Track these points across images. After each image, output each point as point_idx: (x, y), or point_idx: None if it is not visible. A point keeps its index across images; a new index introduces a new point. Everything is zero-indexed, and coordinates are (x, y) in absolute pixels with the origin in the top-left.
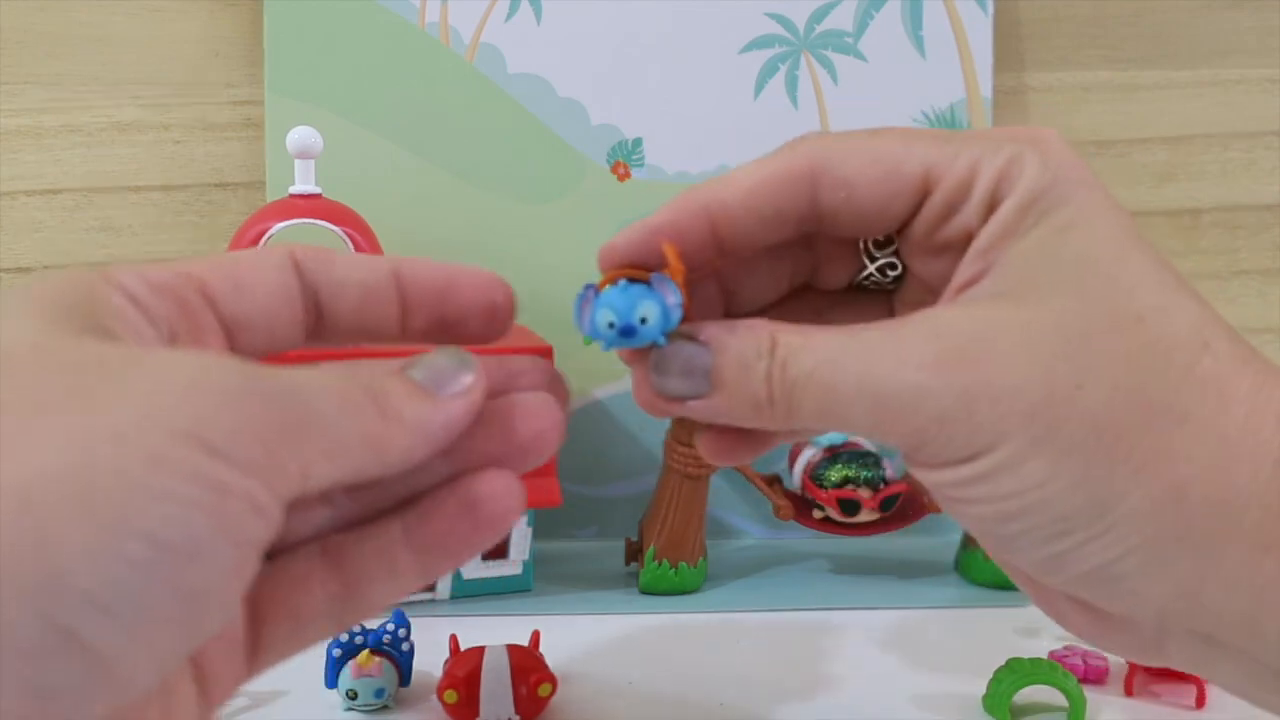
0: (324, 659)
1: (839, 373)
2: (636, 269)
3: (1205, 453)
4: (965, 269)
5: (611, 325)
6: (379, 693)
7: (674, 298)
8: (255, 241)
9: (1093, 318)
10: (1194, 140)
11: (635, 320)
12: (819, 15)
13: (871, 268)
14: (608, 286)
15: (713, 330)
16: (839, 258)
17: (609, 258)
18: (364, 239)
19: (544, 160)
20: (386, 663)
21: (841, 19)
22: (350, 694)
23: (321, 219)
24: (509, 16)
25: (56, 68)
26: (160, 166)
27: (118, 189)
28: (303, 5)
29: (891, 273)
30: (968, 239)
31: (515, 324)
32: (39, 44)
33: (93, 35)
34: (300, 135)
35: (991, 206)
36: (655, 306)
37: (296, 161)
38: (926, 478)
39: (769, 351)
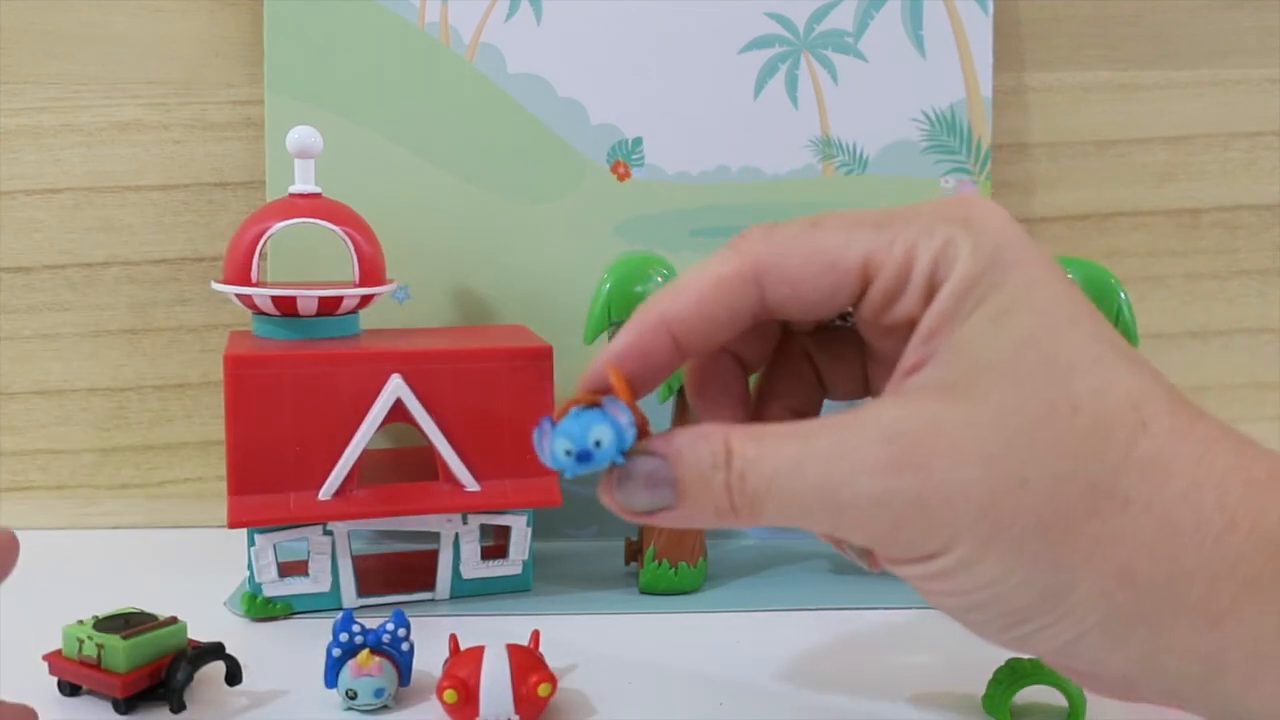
0: (324, 659)
1: (797, 482)
2: (590, 395)
3: (1148, 534)
4: (910, 354)
5: (569, 453)
6: (379, 692)
7: (625, 417)
8: (255, 241)
9: (1031, 410)
10: (1194, 140)
11: (590, 445)
12: (819, 15)
13: (836, 321)
14: (562, 416)
15: (668, 443)
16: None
17: (584, 386)
18: (364, 239)
19: (544, 160)
20: (386, 663)
21: (841, 19)
22: (350, 694)
23: (321, 219)
24: (509, 16)
25: (56, 68)
26: (160, 166)
27: (118, 189)
28: (303, 5)
29: (852, 319)
30: (912, 323)
31: (515, 324)
32: (39, 44)
33: (93, 35)
34: (300, 135)
35: (930, 293)
36: (608, 429)
37: (296, 161)
38: (894, 570)
39: (725, 463)
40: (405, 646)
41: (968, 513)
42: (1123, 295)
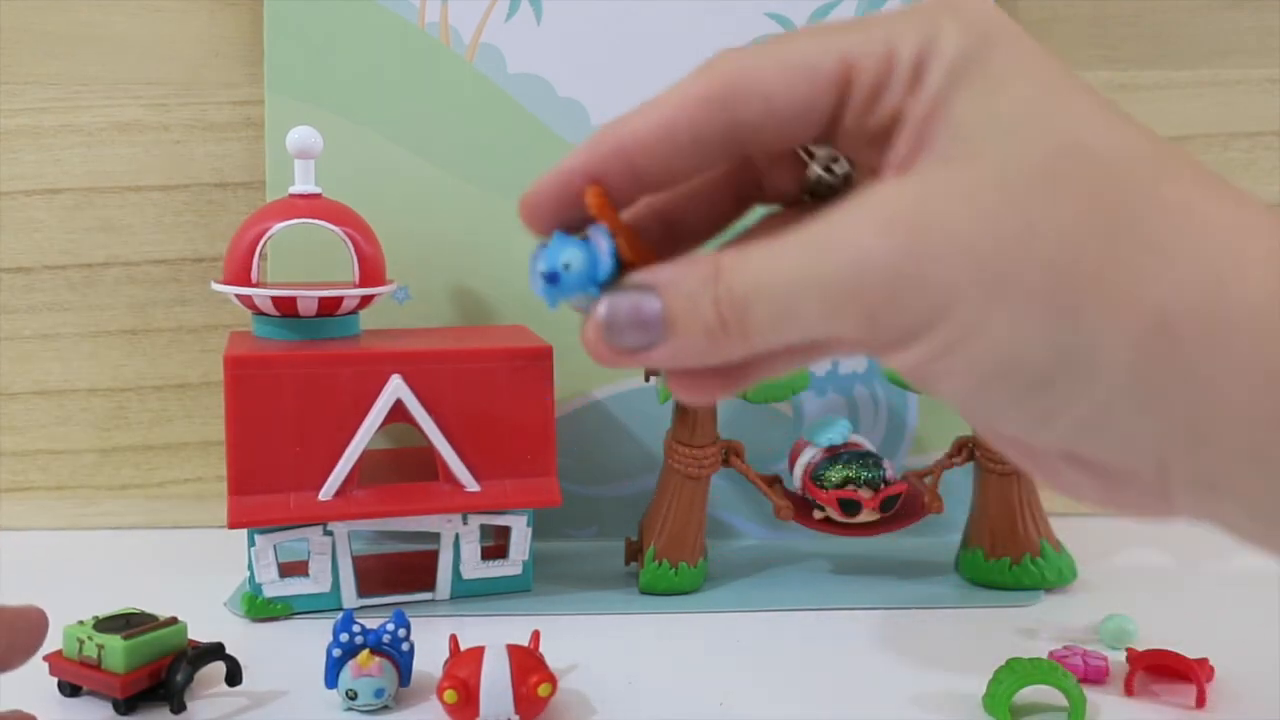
0: (324, 659)
1: (783, 268)
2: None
3: (1184, 281)
4: (901, 146)
5: (541, 274)
6: (379, 693)
7: (605, 244)
8: (255, 241)
9: (1037, 159)
10: (1194, 140)
11: (559, 266)
12: (819, 15)
13: (815, 166)
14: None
15: (657, 274)
16: (780, 167)
17: (526, 211)
18: (364, 239)
19: (544, 160)
20: (386, 663)
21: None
22: (350, 694)
23: (321, 219)
24: (509, 16)
25: (56, 68)
26: (160, 166)
27: (118, 189)
28: (303, 5)
29: (838, 169)
30: (899, 121)
31: (515, 324)
32: (39, 44)
33: (93, 35)
34: (300, 135)
35: (917, 79)
36: (579, 253)
37: (296, 161)
38: (896, 361)
39: (713, 278)
40: (405, 647)
41: (968, 266)
42: None
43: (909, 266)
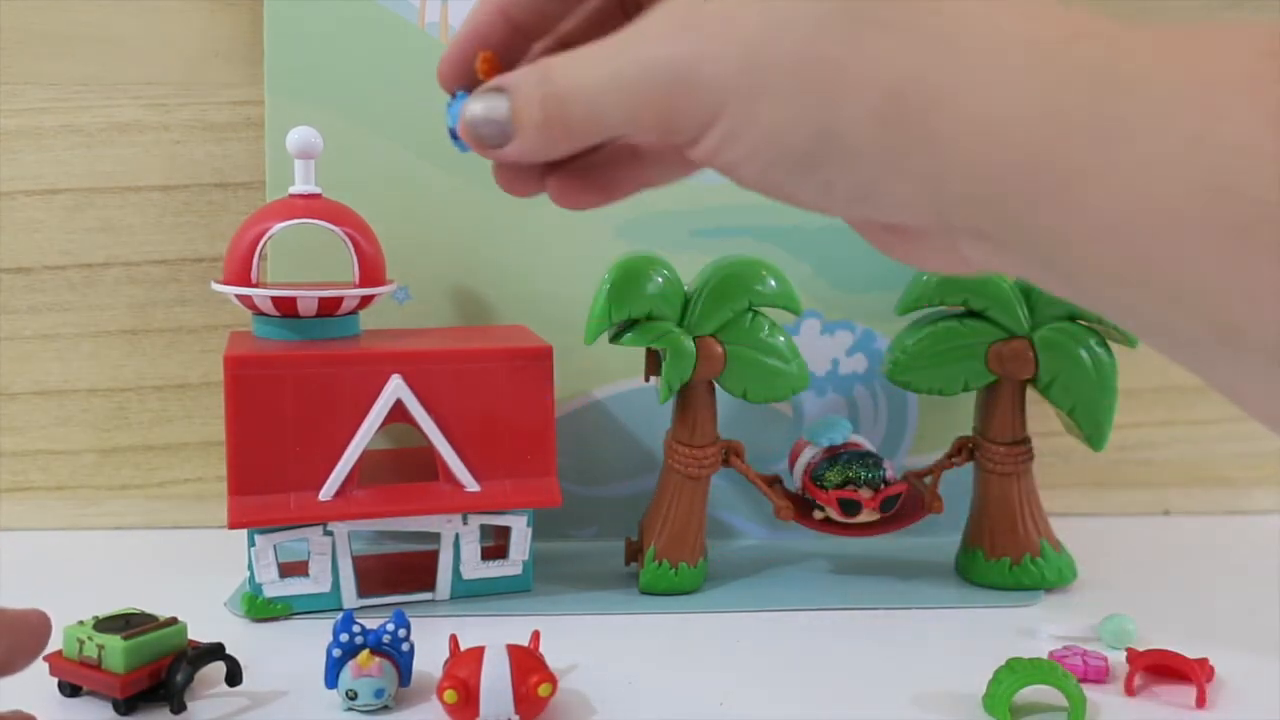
0: (324, 659)
1: (593, 71)
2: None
3: (919, 53)
4: None
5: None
6: (379, 693)
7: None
8: (255, 242)
9: None
10: None
11: (452, 125)
12: None
13: None
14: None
15: (505, 78)
16: None
17: (440, 80)
18: (364, 239)
19: None
20: (386, 663)
21: None
22: (350, 694)
23: (321, 219)
24: None
25: (56, 68)
26: (160, 166)
27: (118, 189)
28: (303, 5)
29: None
30: None
31: (515, 324)
32: (39, 44)
33: (93, 35)
34: (300, 135)
35: None
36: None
37: (296, 161)
38: (694, 155)
39: (544, 79)
40: (405, 647)
41: (735, 65)
42: None
43: (685, 70)
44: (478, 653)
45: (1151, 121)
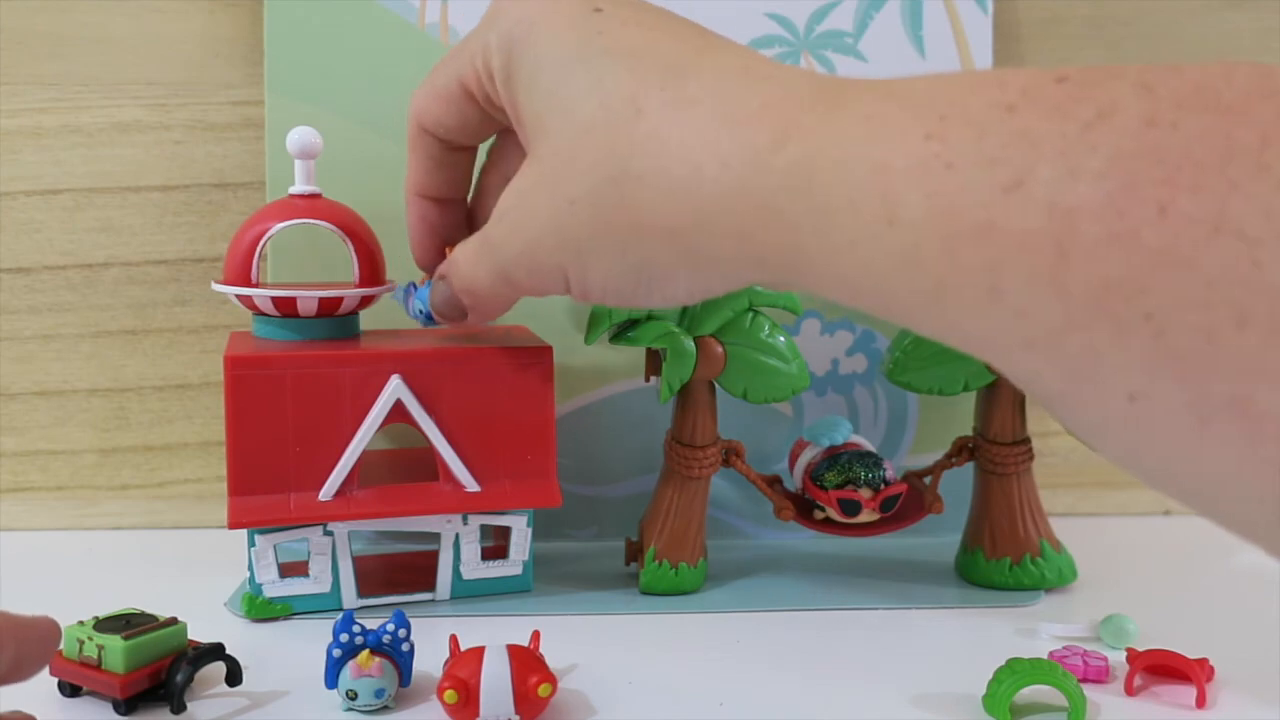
0: (324, 659)
1: (480, 269)
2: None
3: (651, 194)
4: (523, 134)
5: (421, 311)
6: (379, 693)
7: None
8: (255, 242)
9: (560, 146)
10: None
11: (416, 313)
12: (819, 15)
13: None
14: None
15: (440, 268)
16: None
17: (422, 267)
18: (364, 239)
19: None
20: (386, 663)
21: (841, 19)
22: (350, 694)
23: (321, 219)
24: None
25: (56, 68)
26: (160, 166)
27: (118, 189)
28: (303, 5)
29: None
30: (504, 115)
31: (516, 324)
32: (39, 44)
33: (93, 35)
34: (300, 135)
35: (491, 83)
36: (418, 301)
37: (296, 161)
38: (577, 297)
39: (454, 273)
40: (405, 647)
41: (561, 245)
42: None
43: (532, 260)
44: (478, 653)
45: (849, 213)
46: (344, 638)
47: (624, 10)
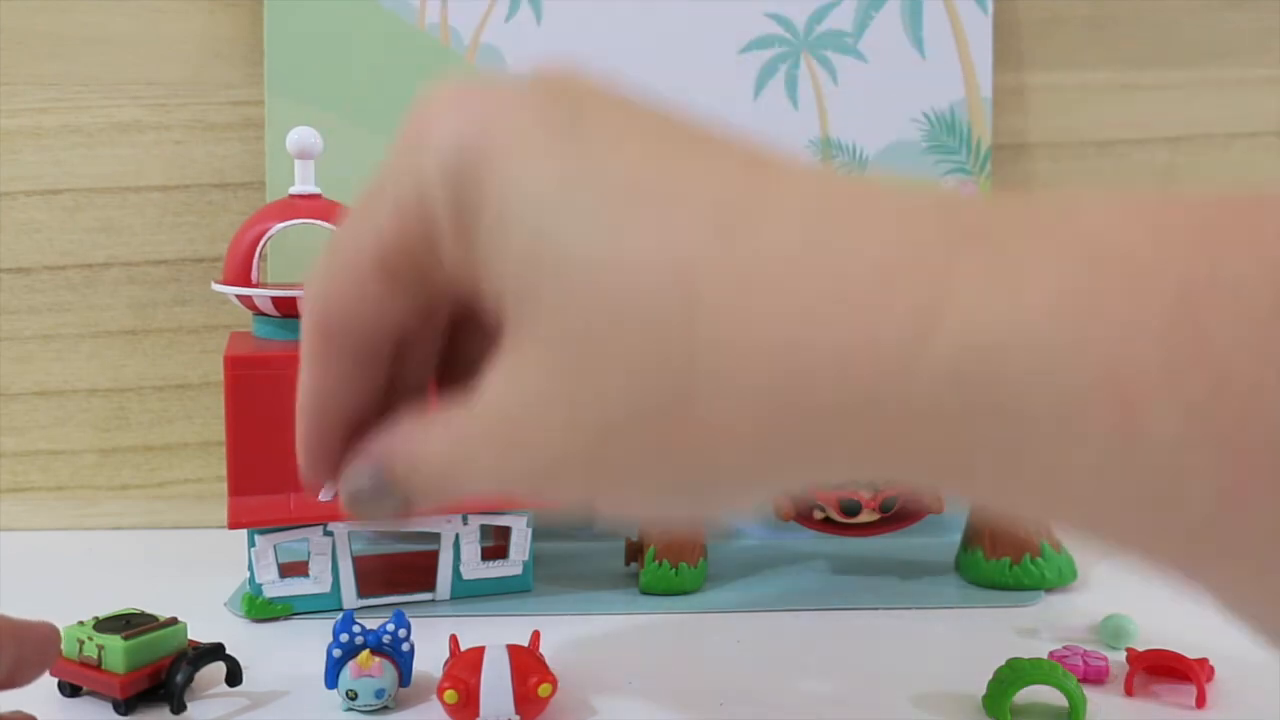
0: (324, 659)
1: (427, 455)
2: None
3: (668, 374)
4: (497, 312)
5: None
6: (379, 693)
7: None
8: (255, 242)
9: (574, 342)
10: (1194, 140)
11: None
12: (819, 15)
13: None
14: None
15: (372, 447)
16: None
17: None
18: None
19: None
20: (386, 663)
21: (841, 19)
22: (350, 694)
23: (321, 219)
24: (509, 16)
25: (56, 68)
26: (160, 166)
27: (118, 189)
28: (303, 5)
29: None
30: (450, 288)
31: None
32: (39, 44)
33: (93, 35)
34: (300, 135)
35: (435, 250)
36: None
37: (296, 161)
38: (591, 514)
39: (389, 458)
40: (405, 647)
41: (592, 478)
42: None
43: (535, 480)
44: (478, 653)
45: (1055, 422)
46: (344, 638)
47: (612, 116)
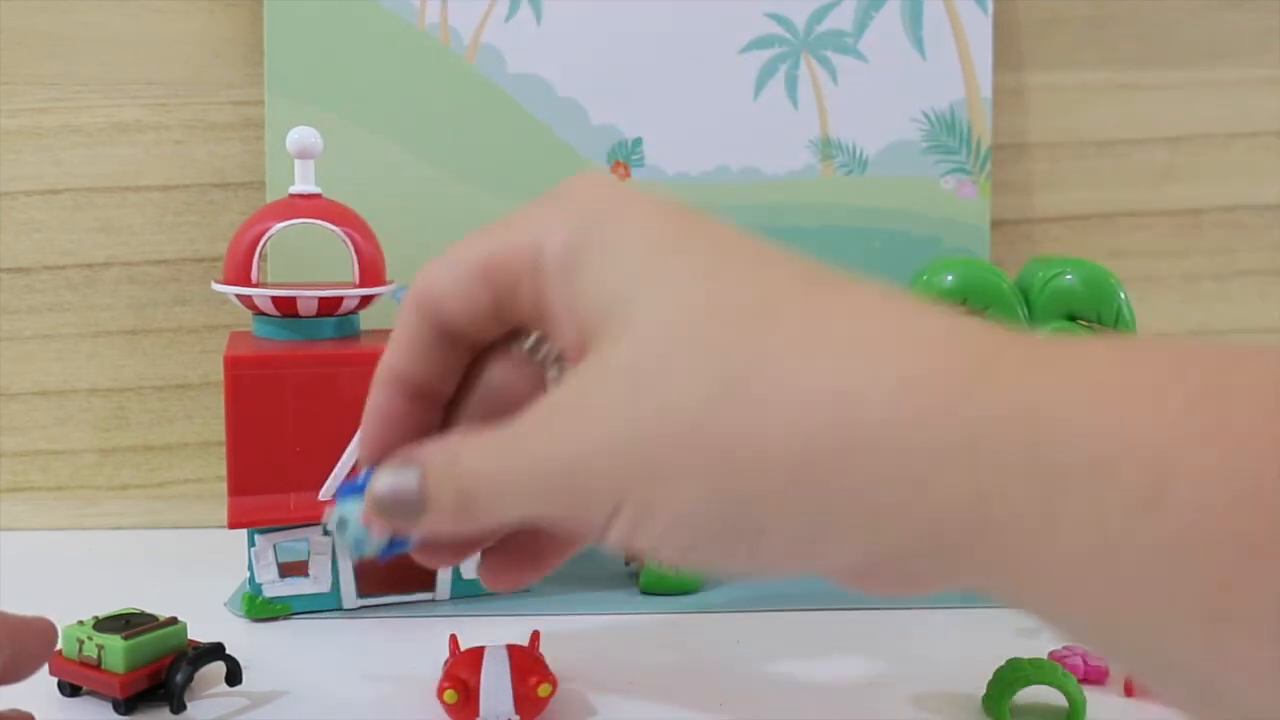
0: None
1: (493, 462)
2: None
3: (806, 410)
4: (569, 333)
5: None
6: (359, 543)
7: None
8: (255, 241)
9: (657, 339)
10: (1194, 140)
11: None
12: (819, 15)
13: (518, 348)
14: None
15: (416, 452)
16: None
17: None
18: (364, 239)
19: (544, 160)
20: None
21: (841, 19)
22: (340, 523)
23: (321, 219)
24: (509, 17)
25: (56, 68)
26: (160, 166)
27: (118, 189)
28: (303, 5)
29: (544, 349)
30: (543, 309)
31: None
32: (39, 44)
33: (93, 35)
34: (300, 135)
35: (538, 273)
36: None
37: (296, 161)
38: (610, 539)
39: (452, 460)
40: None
41: (632, 465)
42: (1122, 295)
43: (580, 466)
44: (478, 653)
45: (1090, 480)
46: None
47: (719, 223)
